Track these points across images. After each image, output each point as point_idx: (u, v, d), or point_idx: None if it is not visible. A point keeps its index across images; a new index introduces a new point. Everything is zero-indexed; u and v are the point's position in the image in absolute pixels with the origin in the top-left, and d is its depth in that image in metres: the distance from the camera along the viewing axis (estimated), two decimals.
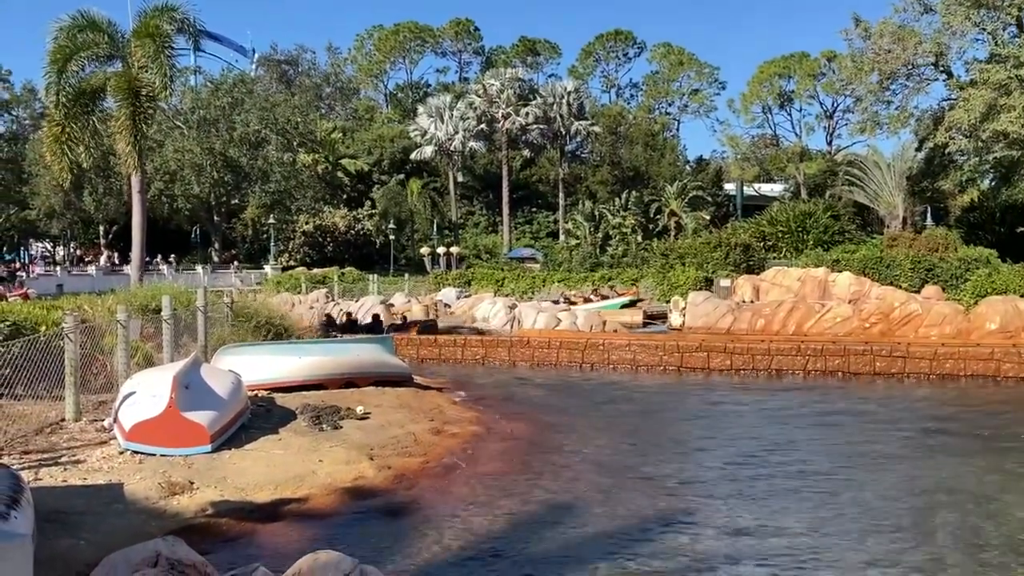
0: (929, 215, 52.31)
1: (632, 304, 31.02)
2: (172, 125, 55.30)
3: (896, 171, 52.30)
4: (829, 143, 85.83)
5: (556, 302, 32.32)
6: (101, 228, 61.45)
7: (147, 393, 10.29)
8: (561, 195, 71.41)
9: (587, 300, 32.83)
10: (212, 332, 16.50)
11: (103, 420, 11.23)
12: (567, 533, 8.92)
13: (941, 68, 37.98)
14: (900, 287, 29.99)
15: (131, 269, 29.09)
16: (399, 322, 27.62)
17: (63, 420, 11.28)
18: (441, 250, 56.96)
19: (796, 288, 30.61)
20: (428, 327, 26.12)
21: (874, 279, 31.04)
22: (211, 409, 10.49)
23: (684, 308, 28.32)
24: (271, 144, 57.53)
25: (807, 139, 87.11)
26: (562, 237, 65.31)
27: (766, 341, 23.33)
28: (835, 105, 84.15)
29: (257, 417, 12.14)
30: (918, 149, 44.09)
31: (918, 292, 29.01)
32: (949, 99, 38.05)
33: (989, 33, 35.14)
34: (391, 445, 11.62)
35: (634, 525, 9.18)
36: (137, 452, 9.81)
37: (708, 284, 33.84)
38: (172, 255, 55.60)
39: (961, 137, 34.29)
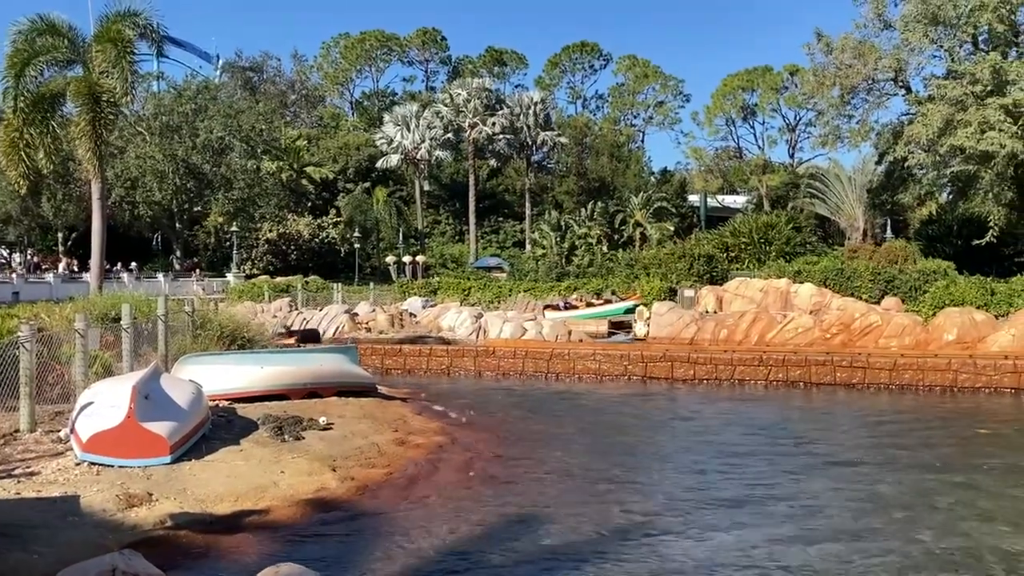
0: (889, 227, 53.19)
1: (634, 309, 31.05)
2: (134, 131, 54.57)
3: (857, 184, 53.22)
4: (791, 156, 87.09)
5: (557, 307, 32.60)
6: (60, 235, 60.38)
7: (105, 403, 10.12)
8: (527, 205, 71.58)
9: (590, 304, 32.90)
10: (173, 341, 16.28)
11: (59, 431, 11.02)
12: (531, 544, 8.90)
13: (900, 83, 38.66)
14: (861, 298, 30.42)
15: (90, 277, 28.65)
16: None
17: (17, 431, 11.05)
18: (407, 259, 56.79)
19: (758, 299, 30.93)
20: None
21: (835, 290, 31.45)
22: (171, 420, 10.35)
23: (648, 318, 28.49)
24: (235, 151, 56.99)
25: (770, 152, 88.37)
26: (528, 247, 65.42)
27: (729, 351, 23.53)
28: (797, 118, 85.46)
29: (218, 428, 11.99)
30: (878, 162, 44.76)
31: (878, 303, 29.45)
32: (908, 114, 38.70)
33: (946, 50, 35.83)
34: (354, 456, 11.53)
35: (597, 535, 9.19)
36: (94, 463, 9.64)
37: (672, 294, 34.05)
38: (133, 263, 54.77)
39: (920, 151, 34.86)
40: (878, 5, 37.46)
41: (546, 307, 33.77)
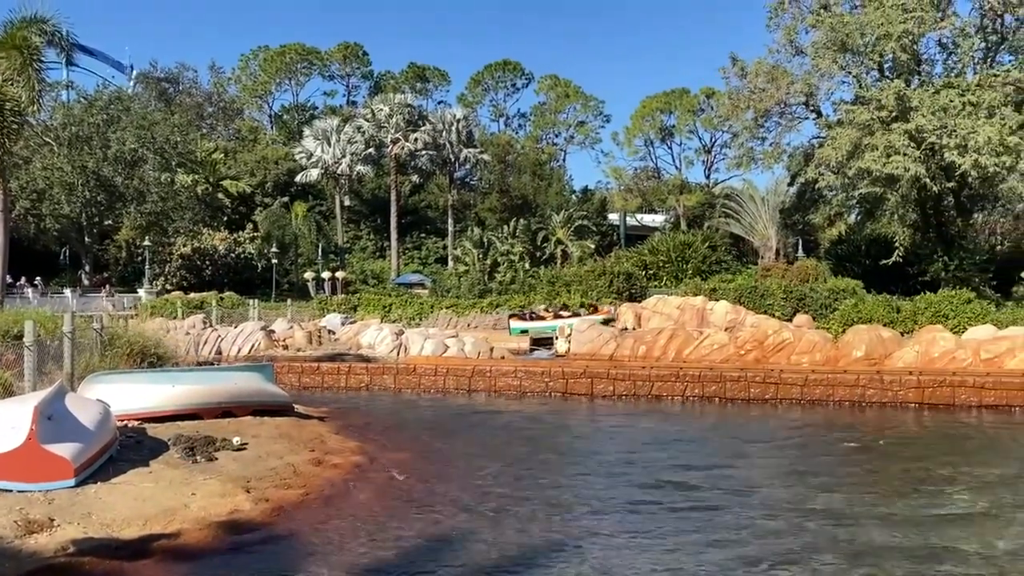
0: (800, 247, 54.87)
1: (606, 323, 31.14)
2: (41, 141, 52.60)
3: (770, 204, 54.82)
4: (707, 176, 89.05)
5: (523, 317, 32.76)
6: None
7: (4, 425, 9.65)
8: (450, 221, 71.49)
9: (557, 316, 32.90)
10: (80, 359, 15.66)
11: None
12: (450, 564, 8.83)
13: (811, 108, 39.97)
14: (773, 315, 31.24)
15: None
16: None
17: None
18: (326, 275, 55.97)
19: (676, 316, 31.49)
20: None
21: (749, 308, 32.24)
22: (76, 441, 9.95)
23: (569, 335, 28.69)
24: (148, 163, 55.47)
25: (687, 172, 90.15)
26: (451, 263, 65.28)
27: (647, 367, 23.83)
28: (713, 140, 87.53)
29: (127, 448, 11.59)
30: (790, 184, 46.17)
31: (790, 320, 30.28)
32: (819, 137, 39.99)
33: (854, 76, 37.21)
34: (269, 477, 11.27)
35: (517, 554, 9.16)
36: None
37: (593, 311, 34.43)
38: (38, 278, 52.60)
39: (829, 173, 36.01)
40: (790, 32, 38.73)
41: (511, 316, 33.80)
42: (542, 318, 33.02)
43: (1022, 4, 34.02)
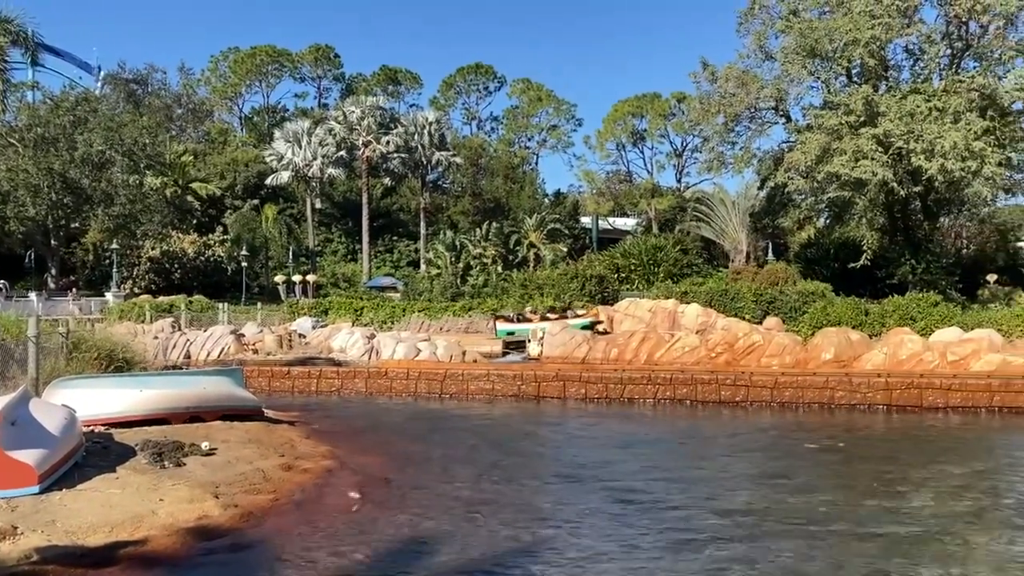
0: (770, 250, 55.33)
1: (591, 326, 31.11)
2: (5, 143, 51.85)
3: (740, 208, 55.33)
4: (679, 180, 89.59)
5: (510, 319, 32.75)
6: None
7: None
8: (422, 224, 71.30)
9: (544, 318, 32.84)
10: (45, 364, 15.43)
11: None
12: (422, 570, 8.78)
13: (781, 112, 40.35)
14: (744, 318, 31.47)
15: None
16: None
17: None
18: (297, 278, 55.62)
19: (647, 319, 31.63)
20: None
21: (720, 311, 32.45)
22: (40, 447, 9.79)
23: (542, 338, 28.71)
24: (116, 165, 54.74)
25: (658, 176, 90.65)
26: (423, 266, 65.12)
27: (619, 370, 23.89)
28: (684, 144, 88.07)
29: (93, 454, 11.42)
30: (760, 188, 46.54)
31: (760, 323, 30.52)
32: (788, 141, 40.41)
33: (823, 81, 37.63)
34: (238, 482, 11.15)
35: (488, 559, 9.13)
36: None
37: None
38: (2, 281, 51.82)
39: (799, 177, 36.36)
40: (760, 37, 39.10)
41: (497, 318, 33.72)
42: (529, 320, 33.01)
43: (986, 12, 34.57)
